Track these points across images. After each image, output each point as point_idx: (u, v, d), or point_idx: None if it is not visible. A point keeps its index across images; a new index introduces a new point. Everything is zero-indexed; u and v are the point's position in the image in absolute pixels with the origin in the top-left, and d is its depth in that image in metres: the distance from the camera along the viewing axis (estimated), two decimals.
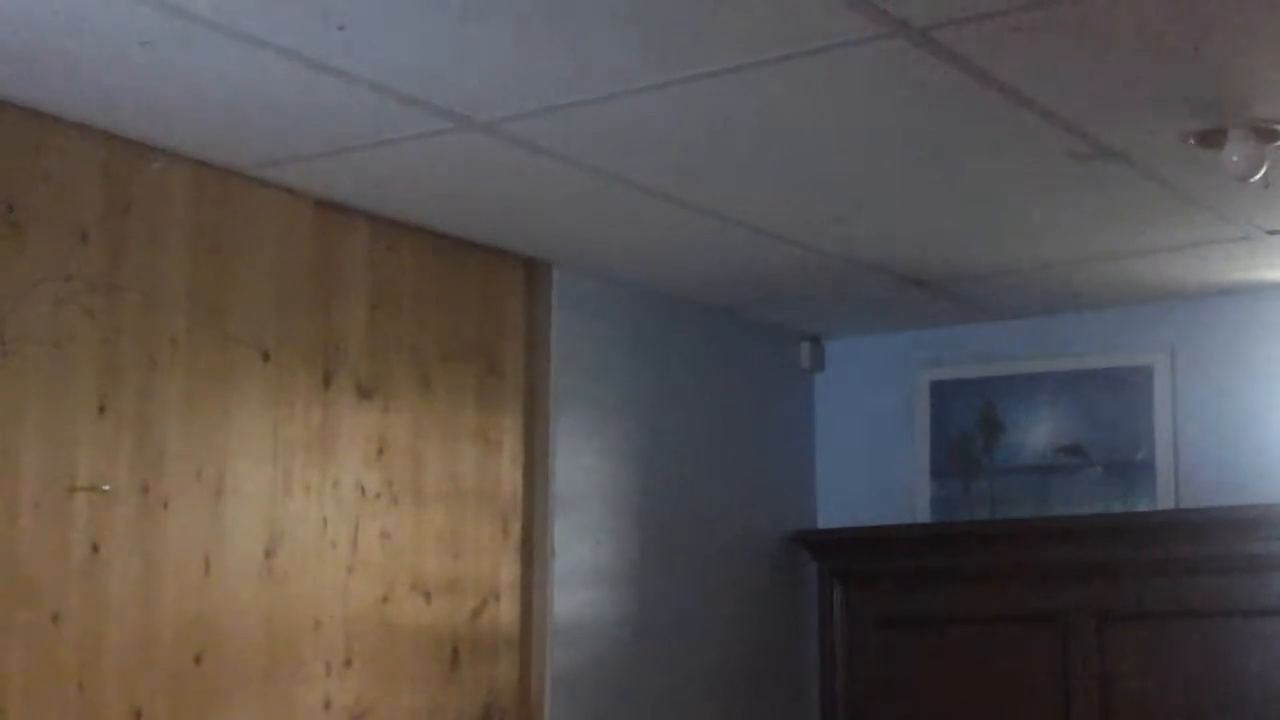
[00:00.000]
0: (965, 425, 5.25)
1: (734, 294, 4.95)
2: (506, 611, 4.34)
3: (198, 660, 3.57)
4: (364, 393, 4.02)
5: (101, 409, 3.43)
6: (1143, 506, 4.96)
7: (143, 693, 3.46)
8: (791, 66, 3.13)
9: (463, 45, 3.04)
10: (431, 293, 4.22)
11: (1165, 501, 4.93)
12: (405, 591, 4.07)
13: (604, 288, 4.70)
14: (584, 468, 4.58)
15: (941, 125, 3.49)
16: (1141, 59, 3.12)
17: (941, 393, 5.31)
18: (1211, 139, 3.48)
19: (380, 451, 4.04)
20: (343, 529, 3.93)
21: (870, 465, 5.37)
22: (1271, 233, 4.28)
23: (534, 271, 4.52)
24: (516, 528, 4.39)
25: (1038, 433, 5.16)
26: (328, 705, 3.85)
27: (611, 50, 3.07)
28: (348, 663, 3.90)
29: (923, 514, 5.26)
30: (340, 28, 2.94)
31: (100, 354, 3.45)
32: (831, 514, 5.39)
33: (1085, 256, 4.53)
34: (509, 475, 4.39)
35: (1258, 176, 3.52)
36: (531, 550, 4.42)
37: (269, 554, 3.75)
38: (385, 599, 4.01)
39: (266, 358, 3.79)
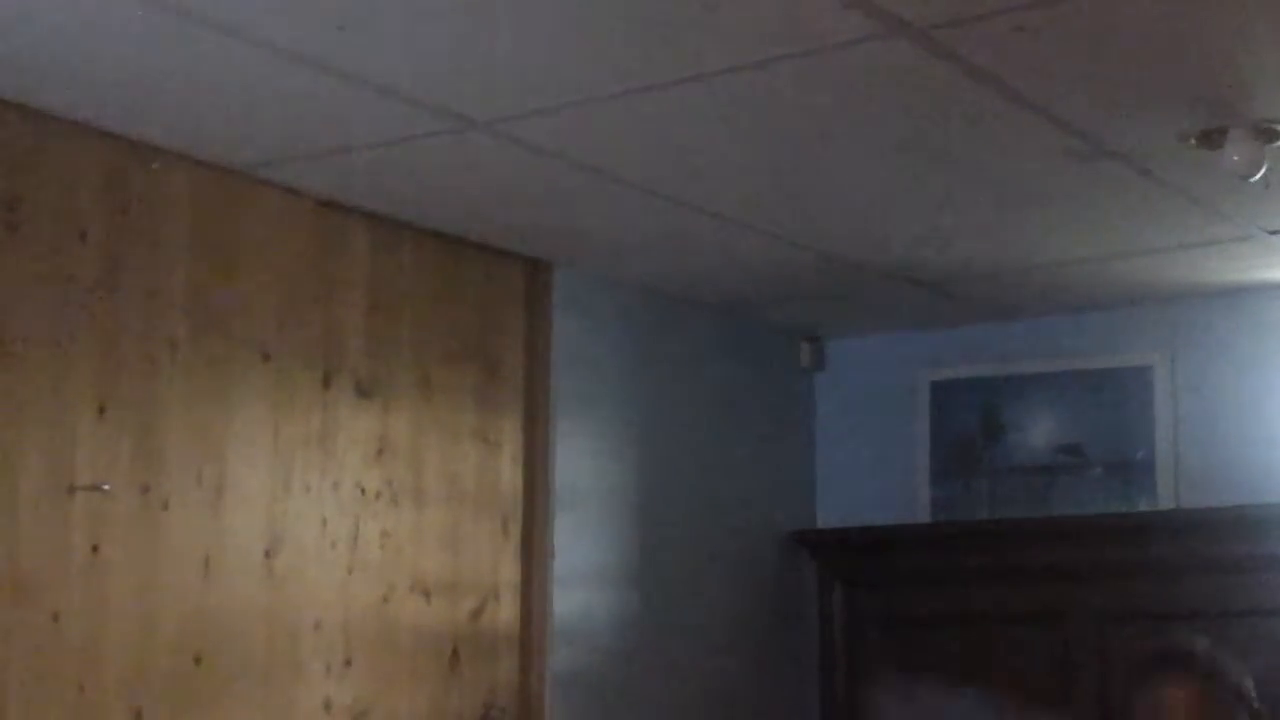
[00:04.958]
0: (966, 425, 5.25)
1: (734, 294, 4.95)
2: (506, 611, 4.34)
3: (198, 660, 3.57)
4: (364, 393, 4.02)
5: (101, 409, 3.43)
6: (1143, 506, 4.96)
7: (143, 693, 3.46)
8: (791, 66, 3.13)
9: (463, 45, 3.04)
10: (431, 293, 4.22)
11: (1165, 501, 4.93)
12: (405, 591, 4.07)
13: (604, 288, 4.69)
14: (584, 468, 4.58)
15: (942, 125, 3.48)
16: (1141, 59, 3.12)
17: (942, 393, 5.30)
18: (1211, 139, 3.48)
19: (380, 451, 4.04)
20: (343, 529, 3.93)
21: (870, 465, 5.37)
22: (1272, 233, 4.27)
23: (534, 271, 4.52)
24: (516, 528, 4.39)
25: (1038, 433, 5.15)
26: (328, 705, 3.85)
27: (612, 50, 3.07)
28: (348, 663, 3.90)
29: (923, 514, 5.26)
30: (340, 28, 2.94)
31: (100, 354, 3.44)
32: (831, 514, 5.39)
33: (1085, 256, 4.53)
34: (509, 475, 4.39)
35: (1258, 176, 3.52)
36: (531, 550, 4.42)
37: (269, 554, 3.75)
38: (385, 599, 4.01)
39: (266, 358, 3.79)
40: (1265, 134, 3.44)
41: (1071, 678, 4.81)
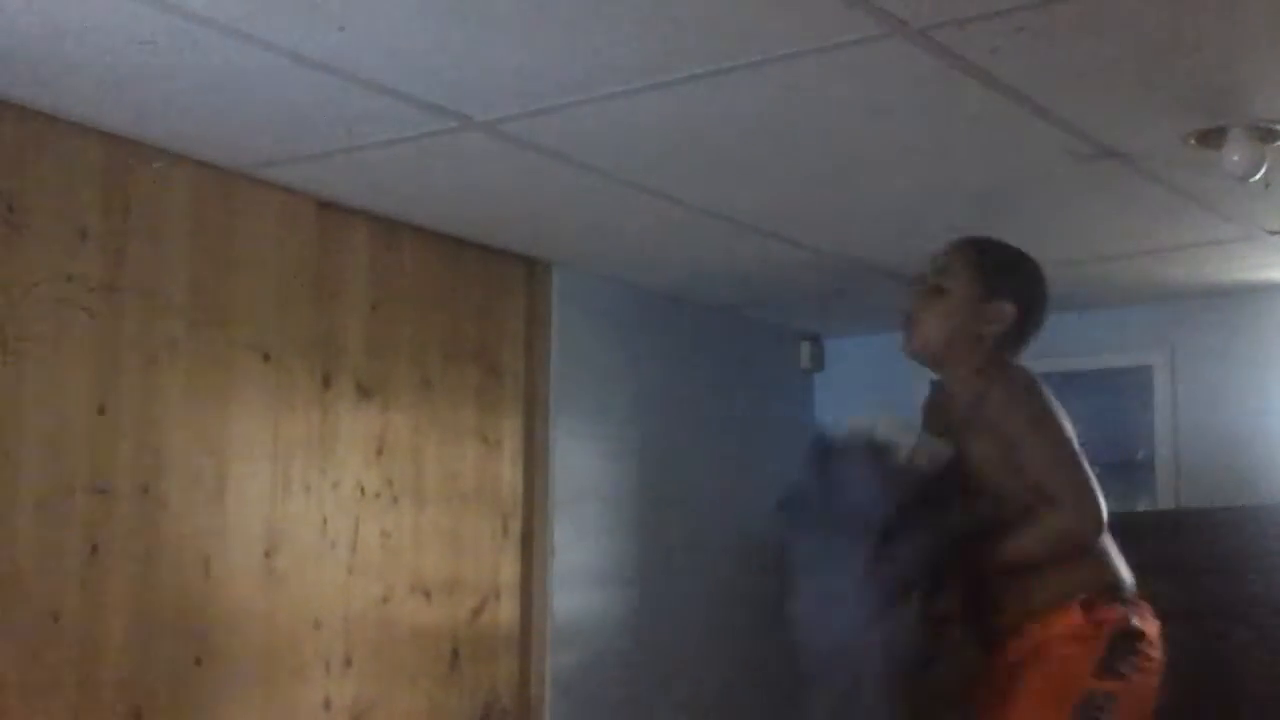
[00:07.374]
0: None
1: (734, 293, 4.95)
2: (506, 611, 4.34)
3: (198, 660, 3.57)
4: (364, 393, 4.02)
5: (101, 409, 3.43)
6: (1143, 506, 4.95)
7: (143, 693, 3.46)
8: (791, 66, 3.12)
9: (463, 45, 3.04)
10: (431, 293, 4.22)
11: (1165, 501, 4.93)
12: (405, 591, 4.07)
13: (604, 288, 4.70)
14: (584, 468, 4.58)
15: (941, 125, 3.48)
16: (1141, 59, 3.12)
17: None
18: (1211, 139, 3.48)
19: (380, 451, 4.04)
20: (343, 529, 3.93)
21: None
22: (1271, 233, 4.28)
23: (534, 271, 4.52)
24: (516, 527, 4.39)
25: None
26: (328, 705, 3.85)
27: (611, 50, 3.06)
28: (348, 663, 3.90)
29: None
30: (340, 28, 2.94)
31: (100, 354, 3.45)
32: None
33: (1085, 256, 4.53)
34: (509, 475, 4.39)
35: (1258, 176, 3.52)
36: (531, 550, 4.42)
37: (269, 554, 3.75)
38: (385, 599, 4.02)
39: (266, 358, 3.79)
40: (1265, 134, 3.44)
41: None
